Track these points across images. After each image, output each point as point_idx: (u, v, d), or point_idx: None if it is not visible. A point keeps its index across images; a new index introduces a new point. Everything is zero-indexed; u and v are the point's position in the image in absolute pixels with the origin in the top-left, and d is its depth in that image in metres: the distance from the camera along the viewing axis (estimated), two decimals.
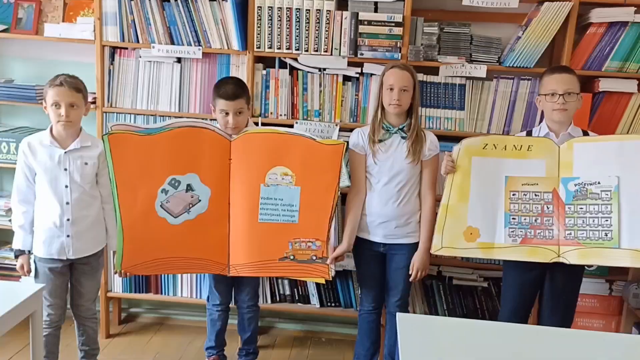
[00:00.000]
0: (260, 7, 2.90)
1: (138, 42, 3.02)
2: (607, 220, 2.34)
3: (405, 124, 2.59)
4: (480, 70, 2.89)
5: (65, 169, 2.48)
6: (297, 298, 3.22)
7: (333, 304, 3.21)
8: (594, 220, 2.36)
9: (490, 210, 2.45)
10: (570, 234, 2.38)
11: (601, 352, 1.86)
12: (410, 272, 2.62)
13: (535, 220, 2.42)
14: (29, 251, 2.56)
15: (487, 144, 2.46)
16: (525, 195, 2.43)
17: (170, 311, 3.52)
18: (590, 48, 2.88)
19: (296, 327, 3.47)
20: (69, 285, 2.64)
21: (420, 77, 2.94)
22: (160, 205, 2.53)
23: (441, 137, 3.00)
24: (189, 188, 2.56)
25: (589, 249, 2.35)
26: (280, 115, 3.02)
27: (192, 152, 2.53)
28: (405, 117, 2.60)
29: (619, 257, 2.33)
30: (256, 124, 2.81)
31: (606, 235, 2.34)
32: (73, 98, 2.44)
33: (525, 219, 2.43)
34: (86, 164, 2.51)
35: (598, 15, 2.83)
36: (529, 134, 2.59)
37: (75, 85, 2.46)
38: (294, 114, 3.03)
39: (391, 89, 2.52)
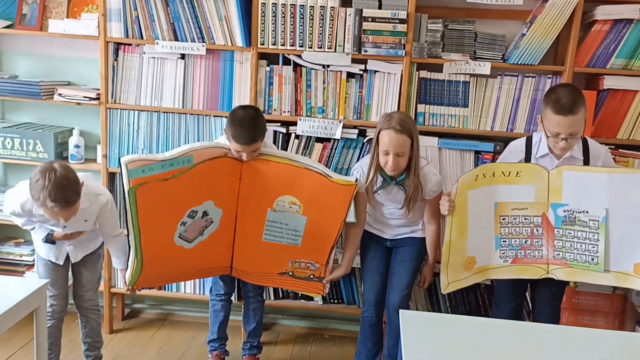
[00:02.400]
0: (264, 3, 2.89)
1: (142, 38, 3.02)
2: (594, 247, 2.38)
3: (404, 177, 2.54)
4: (484, 68, 2.88)
5: (65, 226, 2.43)
6: (300, 295, 3.22)
7: (336, 301, 3.22)
8: (581, 245, 2.40)
9: (485, 237, 2.47)
10: (559, 254, 2.44)
11: (604, 350, 1.86)
12: (421, 283, 2.82)
13: (525, 242, 2.46)
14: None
15: (477, 175, 2.42)
16: (515, 219, 2.45)
17: (174, 307, 3.53)
18: (594, 45, 2.87)
19: (299, 323, 3.48)
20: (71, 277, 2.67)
21: (424, 74, 2.94)
22: (179, 236, 2.54)
23: (445, 135, 3.00)
24: (205, 214, 2.57)
25: (576, 269, 2.42)
26: (284, 112, 3.02)
27: (209, 183, 2.53)
28: (404, 170, 2.54)
29: (605, 278, 2.41)
30: None
31: (592, 260, 2.39)
32: (71, 213, 2.25)
33: (515, 241, 2.47)
34: (86, 220, 2.47)
35: (603, 12, 2.82)
36: (529, 140, 2.54)
37: (66, 198, 2.17)
38: (297, 111, 3.02)
39: (386, 153, 2.47)
